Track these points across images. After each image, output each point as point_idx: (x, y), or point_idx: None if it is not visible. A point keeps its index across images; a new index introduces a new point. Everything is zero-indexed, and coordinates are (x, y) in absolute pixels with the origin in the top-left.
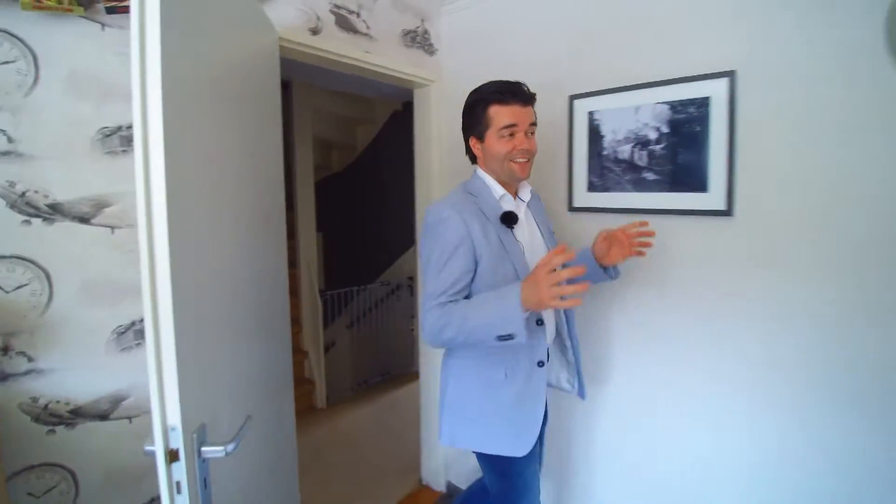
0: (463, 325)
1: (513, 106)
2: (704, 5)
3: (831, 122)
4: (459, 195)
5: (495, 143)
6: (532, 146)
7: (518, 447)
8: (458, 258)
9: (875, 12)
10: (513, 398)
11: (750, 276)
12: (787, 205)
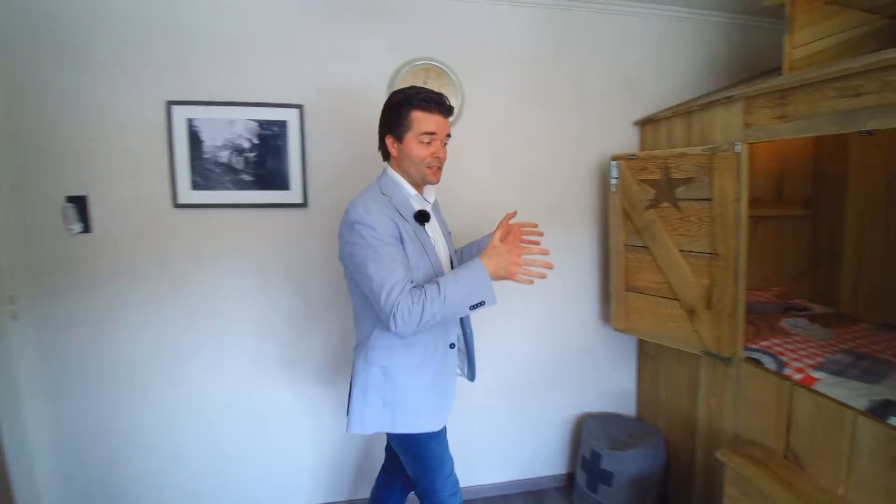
0: (444, 304)
1: (435, 116)
2: (280, 54)
3: (358, 145)
4: (376, 194)
5: (414, 147)
6: (445, 155)
7: (436, 422)
8: (397, 247)
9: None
10: (432, 377)
11: (322, 248)
12: (340, 199)
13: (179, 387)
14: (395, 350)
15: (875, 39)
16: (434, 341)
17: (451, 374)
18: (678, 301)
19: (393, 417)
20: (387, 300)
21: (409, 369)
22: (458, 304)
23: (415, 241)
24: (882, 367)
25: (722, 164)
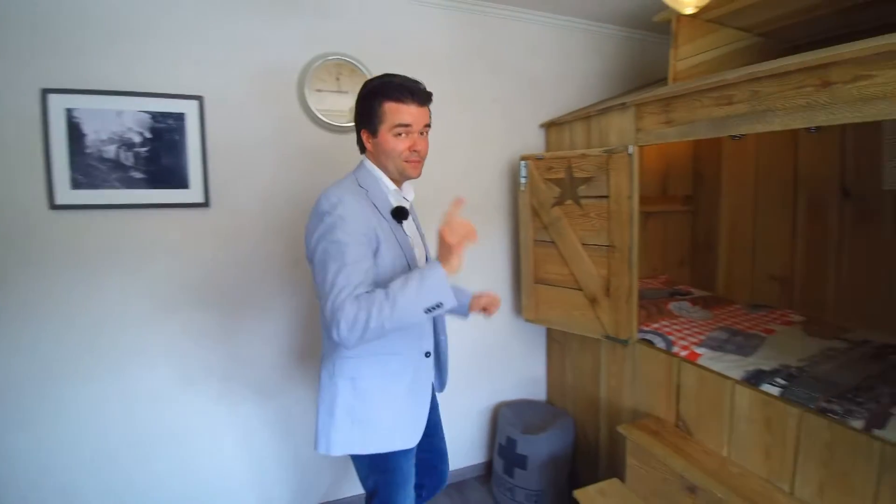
0: (394, 310)
1: (409, 106)
2: (177, 40)
3: (267, 140)
4: (352, 185)
5: (389, 141)
6: (425, 147)
7: (412, 438)
8: (364, 246)
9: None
10: (406, 389)
11: (227, 250)
12: (246, 197)
13: (65, 411)
14: (364, 360)
15: (747, 54)
16: (408, 350)
17: (426, 385)
18: (582, 291)
19: (363, 437)
20: (332, 304)
21: (381, 382)
22: (411, 309)
23: (392, 241)
24: (753, 341)
25: (617, 165)
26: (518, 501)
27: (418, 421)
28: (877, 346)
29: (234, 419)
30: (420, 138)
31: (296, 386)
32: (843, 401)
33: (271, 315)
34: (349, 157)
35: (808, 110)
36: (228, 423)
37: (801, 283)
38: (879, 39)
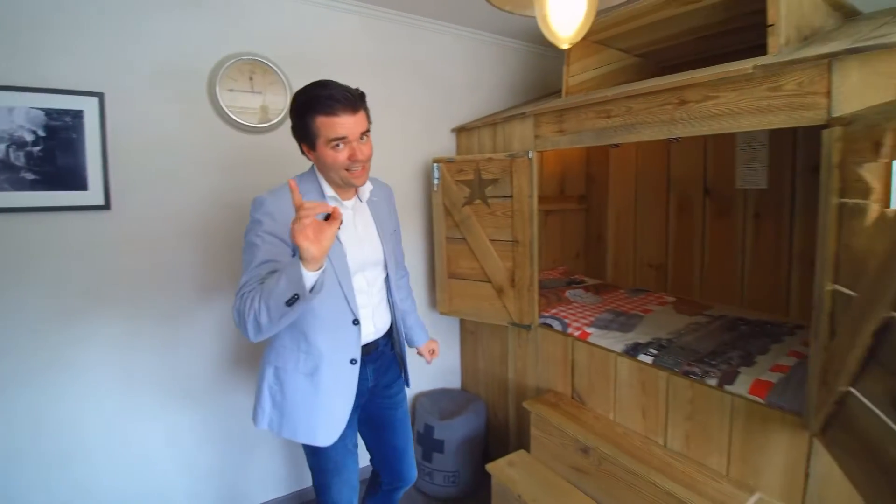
0: (262, 304)
1: (342, 117)
2: (76, 34)
3: (175, 141)
4: (286, 187)
5: (328, 154)
6: (366, 152)
7: (324, 439)
8: (276, 246)
9: (203, 78)
10: (325, 391)
11: (130, 255)
12: (152, 200)
13: None
14: (287, 352)
15: (629, 72)
16: (331, 354)
17: (348, 388)
18: (490, 283)
19: (281, 422)
20: (235, 299)
21: (299, 377)
22: (275, 303)
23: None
24: (633, 319)
25: (519, 168)
26: (437, 484)
27: (337, 421)
28: (731, 319)
29: (149, 431)
30: (360, 145)
31: (220, 393)
32: (702, 364)
33: (187, 321)
34: (265, 159)
35: (670, 124)
36: (143, 433)
37: (673, 269)
38: (722, 67)
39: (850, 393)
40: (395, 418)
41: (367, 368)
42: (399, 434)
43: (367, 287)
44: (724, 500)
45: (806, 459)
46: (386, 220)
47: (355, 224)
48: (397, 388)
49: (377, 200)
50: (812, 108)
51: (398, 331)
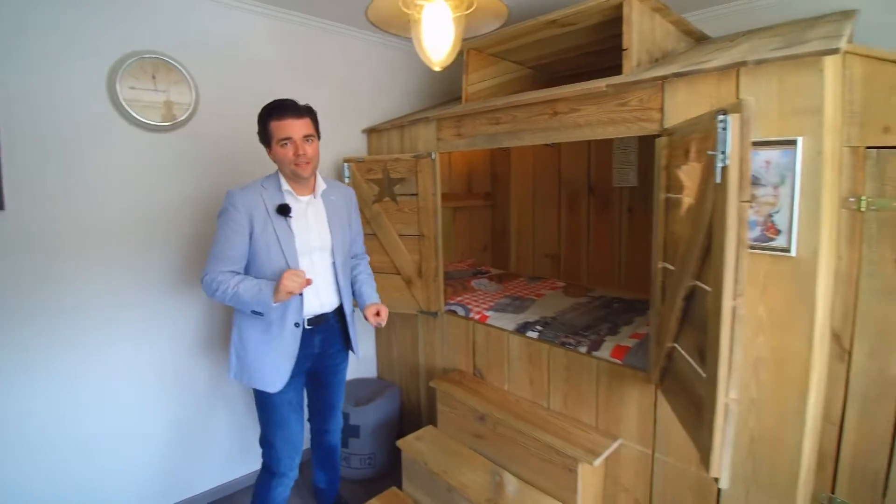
0: (233, 297)
1: (288, 120)
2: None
3: (76, 138)
4: (256, 183)
5: (278, 151)
6: (309, 151)
7: (272, 385)
8: (234, 233)
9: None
10: (272, 347)
11: (31, 259)
12: (53, 199)
13: None
14: (246, 317)
15: (522, 82)
16: (279, 319)
17: (291, 346)
18: (400, 275)
19: (242, 372)
20: (206, 266)
21: (255, 335)
22: (243, 304)
23: (266, 231)
24: (527, 303)
25: (424, 168)
26: (354, 467)
27: (282, 373)
28: (608, 299)
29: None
30: (304, 144)
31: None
32: (576, 336)
33: (97, 326)
34: (165, 157)
35: (546, 131)
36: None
37: (565, 258)
38: (583, 85)
39: (674, 348)
40: (334, 381)
41: (315, 337)
42: (333, 393)
43: (311, 267)
44: (592, 448)
45: (654, 407)
46: (340, 215)
47: (307, 215)
48: (341, 358)
49: (335, 199)
50: (650, 120)
51: (346, 310)
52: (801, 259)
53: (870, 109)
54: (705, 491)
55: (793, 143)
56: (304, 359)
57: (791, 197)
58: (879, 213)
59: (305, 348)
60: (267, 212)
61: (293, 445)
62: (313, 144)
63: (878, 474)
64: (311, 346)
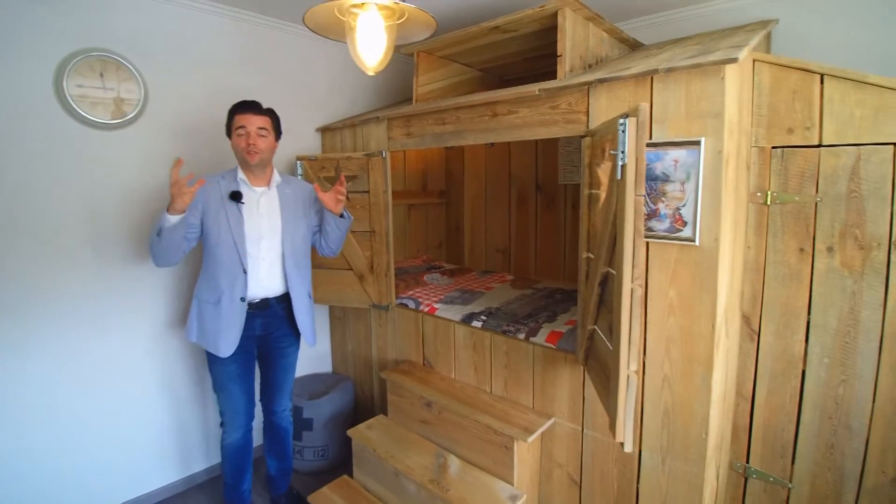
0: (153, 233)
1: (247, 114)
2: None
3: (17, 137)
4: (222, 173)
5: (235, 140)
6: (260, 143)
7: (223, 350)
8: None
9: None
10: (222, 316)
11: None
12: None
13: None
14: (203, 288)
15: (472, 84)
16: (227, 290)
17: (237, 318)
18: (352, 270)
19: (199, 336)
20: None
21: (209, 305)
22: (159, 233)
23: (219, 216)
24: (475, 295)
25: (375, 166)
26: (307, 459)
27: (228, 341)
28: (551, 290)
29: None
30: (256, 135)
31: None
32: (516, 324)
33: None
34: (113, 155)
35: (486, 132)
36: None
37: (514, 252)
38: (517, 89)
39: (595, 329)
40: (279, 363)
41: (256, 320)
42: (278, 373)
43: (257, 252)
44: (527, 426)
45: (582, 387)
46: (294, 208)
47: (259, 203)
48: (288, 342)
49: (290, 192)
50: (577, 122)
51: (293, 299)
52: (704, 248)
53: (776, 112)
54: (628, 462)
55: (697, 144)
56: (247, 339)
57: (696, 192)
58: (783, 206)
59: (247, 329)
60: (221, 198)
61: (234, 410)
62: (267, 139)
63: (786, 444)
64: (252, 327)
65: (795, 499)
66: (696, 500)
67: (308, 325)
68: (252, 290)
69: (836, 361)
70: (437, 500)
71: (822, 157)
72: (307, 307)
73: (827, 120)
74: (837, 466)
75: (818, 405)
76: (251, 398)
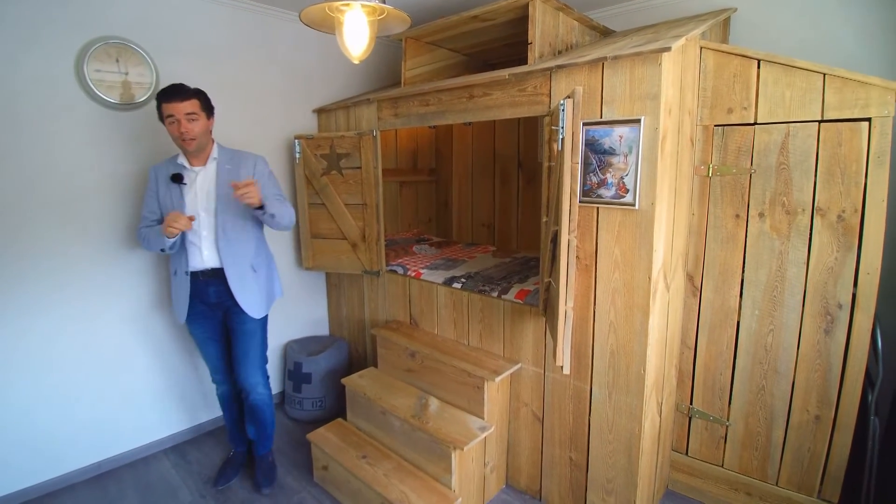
0: (147, 242)
1: (171, 103)
2: None
3: (39, 119)
4: (167, 159)
5: (168, 128)
6: (191, 129)
7: (178, 316)
8: (148, 198)
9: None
10: (177, 285)
11: None
12: (10, 178)
13: None
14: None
15: (458, 68)
16: (180, 265)
17: (184, 290)
18: (346, 240)
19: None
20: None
21: (172, 274)
22: (154, 246)
23: (165, 197)
24: (458, 263)
25: (366, 144)
26: (306, 409)
27: (180, 309)
28: (527, 259)
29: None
30: (186, 123)
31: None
32: (492, 285)
33: (51, 299)
34: (131, 134)
35: (464, 112)
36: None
37: (498, 226)
38: (489, 74)
39: (550, 281)
40: (236, 331)
41: (210, 288)
42: (238, 344)
43: (198, 228)
44: (497, 370)
45: (544, 335)
46: (226, 184)
47: (196, 182)
48: (242, 311)
49: (230, 168)
50: (541, 103)
51: (226, 271)
52: (642, 210)
53: (718, 94)
54: (581, 397)
55: (638, 122)
56: (202, 304)
57: (636, 164)
58: (722, 177)
59: (202, 295)
60: (167, 182)
61: (213, 367)
62: (198, 122)
63: (724, 387)
64: (206, 294)
65: (732, 435)
66: (636, 428)
67: (249, 297)
68: (195, 263)
69: (766, 313)
70: (417, 431)
71: (756, 133)
72: (249, 279)
73: (762, 100)
74: (767, 406)
75: (750, 352)
76: (225, 358)
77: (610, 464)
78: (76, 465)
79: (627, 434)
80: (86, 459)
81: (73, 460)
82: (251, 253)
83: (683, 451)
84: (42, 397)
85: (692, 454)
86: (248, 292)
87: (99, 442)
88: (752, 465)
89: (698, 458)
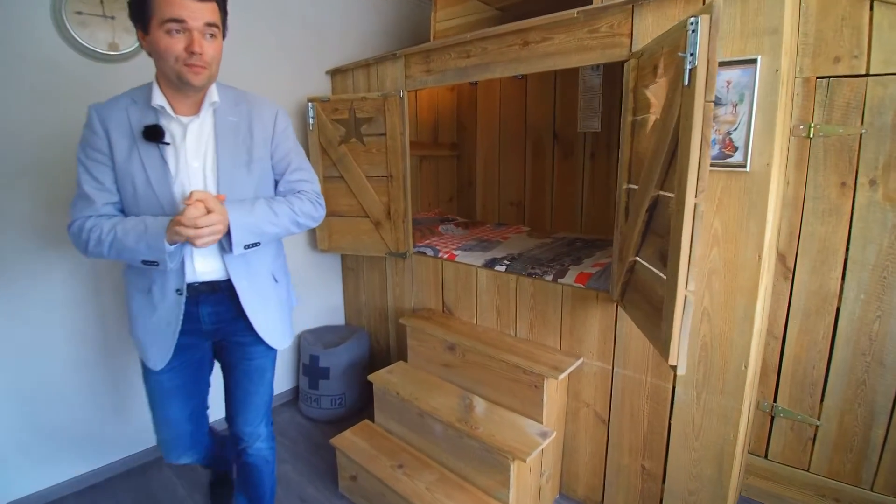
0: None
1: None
2: None
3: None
4: (124, 96)
5: (161, 39)
6: (210, 50)
7: (152, 360)
8: (95, 164)
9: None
10: (153, 314)
11: None
12: None
13: None
14: (130, 269)
15: (489, 22)
16: (159, 280)
17: (173, 318)
18: (368, 217)
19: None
20: (70, 212)
21: (136, 295)
22: (129, 256)
23: (131, 162)
24: (493, 244)
25: (391, 107)
26: (324, 408)
27: (161, 349)
28: (570, 240)
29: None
30: (201, 38)
31: None
32: (542, 267)
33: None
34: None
35: (516, 62)
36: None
37: (529, 205)
38: (556, 15)
39: (636, 261)
40: (242, 370)
41: (201, 308)
42: (239, 385)
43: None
44: (556, 365)
45: (614, 325)
46: (240, 145)
47: (186, 141)
48: (250, 339)
49: (236, 121)
50: (619, 46)
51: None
52: (754, 173)
53: (822, 40)
54: (660, 397)
55: (753, 63)
56: (190, 335)
57: (749, 115)
58: (826, 139)
59: (190, 322)
60: (133, 135)
61: (173, 433)
62: (216, 42)
63: (816, 382)
64: (196, 320)
65: (823, 435)
66: (732, 433)
67: (269, 320)
68: (190, 274)
69: (873, 297)
70: (465, 437)
71: (869, 86)
72: (269, 294)
73: (876, 47)
74: (868, 403)
75: (851, 342)
76: (199, 421)
77: (694, 474)
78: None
79: (719, 441)
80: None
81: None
82: (271, 255)
83: (762, 455)
84: None
85: (772, 457)
86: (268, 312)
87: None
88: (843, 468)
89: (780, 461)
